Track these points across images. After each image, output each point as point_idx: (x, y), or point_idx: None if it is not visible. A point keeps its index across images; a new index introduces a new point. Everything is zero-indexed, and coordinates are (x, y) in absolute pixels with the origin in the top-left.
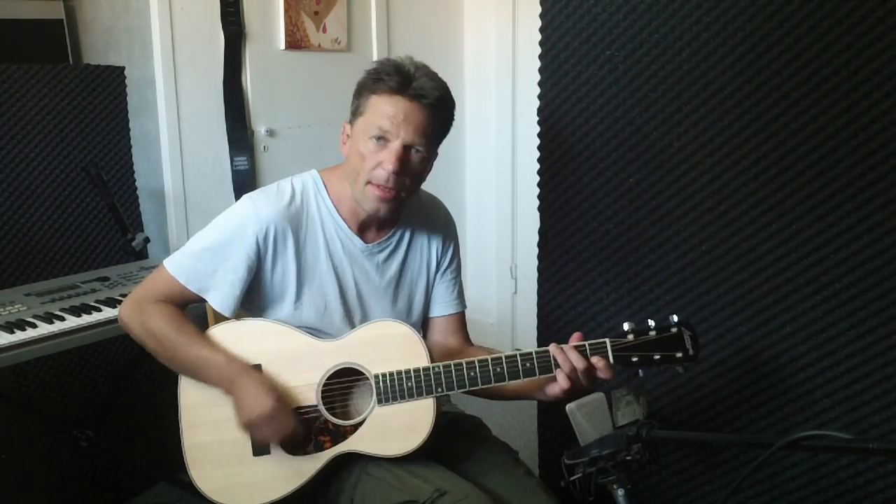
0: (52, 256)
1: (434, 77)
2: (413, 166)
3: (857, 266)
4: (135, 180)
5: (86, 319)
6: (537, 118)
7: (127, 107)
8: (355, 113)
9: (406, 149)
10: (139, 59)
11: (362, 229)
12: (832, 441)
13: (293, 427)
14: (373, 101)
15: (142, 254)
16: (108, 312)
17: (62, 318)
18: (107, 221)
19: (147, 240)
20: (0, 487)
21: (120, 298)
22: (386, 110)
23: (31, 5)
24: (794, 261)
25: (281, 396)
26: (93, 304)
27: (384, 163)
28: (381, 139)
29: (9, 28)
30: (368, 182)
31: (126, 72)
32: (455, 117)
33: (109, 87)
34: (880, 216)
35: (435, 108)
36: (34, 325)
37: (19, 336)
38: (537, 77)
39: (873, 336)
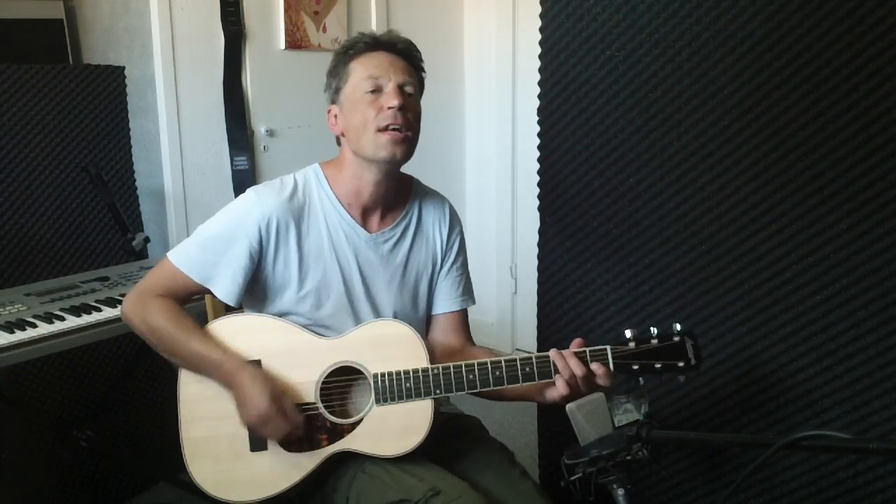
0: (52, 256)
1: (397, 33)
2: (411, 104)
3: (856, 266)
4: (135, 180)
5: (86, 319)
6: (537, 118)
7: (127, 107)
8: (338, 89)
9: (400, 88)
10: (139, 59)
11: (366, 218)
12: (832, 441)
13: (294, 425)
14: (353, 66)
15: (142, 254)
16: (108, 312)
17: (62, 318)
18: (107, 221)
19: (147, 240)
20: (0, 487)
21: (120, 298)
22: (371, 63)
23: (31, 5)
24: (794, 261)
25: (281, 393)
26: (93, 304)
27: (386, 103)
28: (376, 89)
29: (9, 28)
30: (377, 129)
31: (126, 72)
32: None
33: (109, 87)
34: (880, 216)
35: (409, 52)
36: (34, 325)
37: (19, 336)
38: (537, 77)
39: (873, 336)
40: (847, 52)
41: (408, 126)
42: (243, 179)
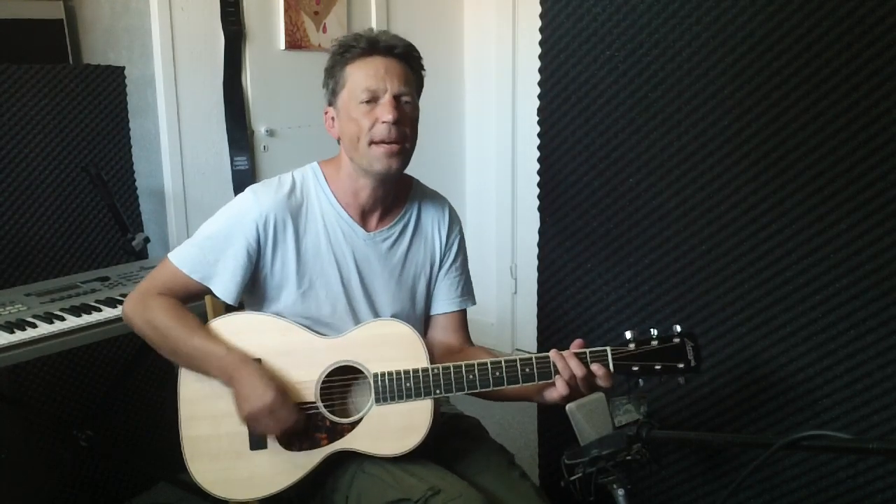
0: (52, 256)
1: (394, 34)
2: (407, 115)
3: (856, 266)
4: (135, 180)
5: (86, 319)
6: (537, 118)
7: (127, 107)
8: (335, 91)
9: (396, 99)
10: (139, 59)
11: (364, 217)
12: (832, 441)
13: (294, 420)
14: (349, 71)
15: (142, 254)
16: (108, 312)
17: (62, 318)
18: (107, 221)
19: (147, 240)
20: (0, 487)
21: (120, 298)
22: (367, 71)
23: (31, 5)
24: (794, 261)
25: (281, 389)
26: (93, 304)
27: (381, 116)
28: (371, 99)
29: (9, 28)
30: (371, 142)
31: (126, 72)
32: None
33: (109, 87)
34: (880, 216)
35: (407, 56)
36: (34, 325)
37: (19, 336)
38: (537, 77)
39: (873, 336)
40: (847, 52)
41: (403, 138)
42: (243, 179)
